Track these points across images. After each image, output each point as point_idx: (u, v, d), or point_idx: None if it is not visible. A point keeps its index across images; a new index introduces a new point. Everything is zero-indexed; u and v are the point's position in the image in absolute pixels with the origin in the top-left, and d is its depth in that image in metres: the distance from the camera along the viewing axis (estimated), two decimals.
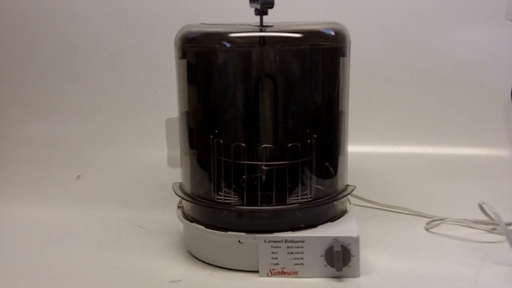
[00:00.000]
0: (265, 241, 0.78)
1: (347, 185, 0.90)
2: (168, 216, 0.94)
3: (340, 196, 0.86)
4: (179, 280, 0.79)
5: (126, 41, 1.42)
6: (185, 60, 0.85)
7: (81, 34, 1.43)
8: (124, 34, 1.42)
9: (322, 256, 0.78)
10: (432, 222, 0.96)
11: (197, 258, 0.85)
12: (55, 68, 1.45)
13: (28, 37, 1.44)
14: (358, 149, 1.18)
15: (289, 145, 0.82)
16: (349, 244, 0.77)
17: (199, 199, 0.85)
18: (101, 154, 1.38)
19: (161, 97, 1.39)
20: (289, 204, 0.82)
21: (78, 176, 1.27)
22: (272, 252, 0.79)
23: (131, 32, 1.41)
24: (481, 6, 1.34)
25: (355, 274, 0.78)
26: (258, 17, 0.82)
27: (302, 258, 0.78)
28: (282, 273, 0.79)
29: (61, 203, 1.12)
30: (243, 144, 0.82)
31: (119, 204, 1.11)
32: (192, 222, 0.84)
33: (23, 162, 1.36)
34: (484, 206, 0.91)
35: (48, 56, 1.44)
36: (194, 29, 0.84)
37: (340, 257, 0.76)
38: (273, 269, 0.79)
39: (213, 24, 0.86)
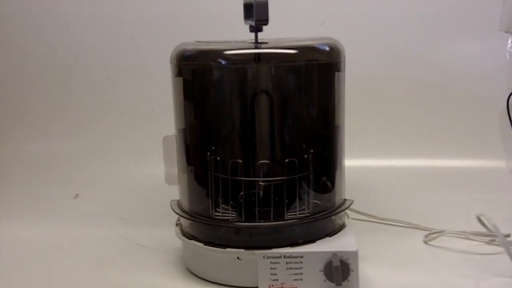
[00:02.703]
0: (264, 257, 0.78)
1: (345, 200, 0.90)
2: (167, 234, 0.93)
3: (338, 210, 0.86)
4: None
5: (122, 59, 1.42)
6: (181, 78, 0.85)
7: (78, 53, 1.43)
8: (120, 52, 1.42)
9: (321, 271, 0.77)
10: (430, 235, 0.96)
11: (196, 275, 0.85)
12: (52, 87, 1.45)
13: (24, 56, 1.44)
14: (355, 163, 1.19)
15: (286, 160, 0.82)
16: (348, 258, 0.77)
17: (197, 216, 0.85)
18: (99, 172, 1.38)
19: (157, 115, 1.39)
20: (287, 219, 0.81)
21: (76, 195, 1.27)
22: (271, 268, 0.78)
23: (127, 50, 1.42)
24: (474, 18, 1.35)
25: None
26: (253, 33, 0.83)
27: (301, 274, 0.78)
28: None
29: (59, 222, 1.12)
30: (240, 161, 0.83)
31: (117, 222, 1.10)
32: (190, 239, 0.84)
33: (20, 181, 1.35)
34: (482, 218, 0.91)
35: (44, 75, 1.44)
36: (189, 47, 0.85)
37: (339, 272, 0.76)
38: (273, 285, 0.79)
39: (209, 42, 0.87)
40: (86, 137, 1.45)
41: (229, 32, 0.94)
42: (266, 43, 0.83)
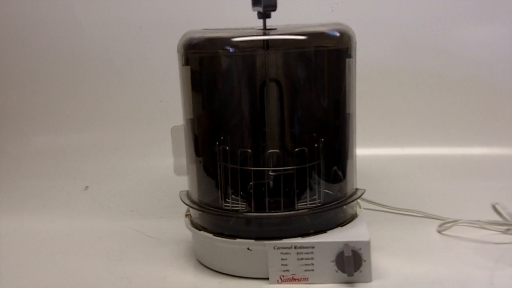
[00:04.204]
0: (274, 248, 0.77)
1: (357, 189, 0.88)
2: (177, 225, 0.93)
3: (349, 200, 0.85)
4: None
5: (130, 50, 1.42)
6: (188, 67, 0.84)
7: (85, 45, 1.43)
8: (128, 43, 1.42)
9: (333, 261, 0.77)
10: (444, 224, 0.95)
11: (206, 267, 0.84)
12: (60, 79, 1.45)
13: (32, 48, 1.45)
14: (366, 152, 1.17)
15: (296, 149, 0.81)
16: (360, 248, 0.76)
17: (207, 207, 0.84)
18: (108, 164, 1.38)
19: (167, 105, 1.39)
20: (298, 209, 0.80)
21: (86, 187, 1.27)
22: (282, 259, 0.77)
23: (135, 41, 1.41)
24: (487, 2, 1.32)
25: (367, 279, 0.77)
26: (261, 20, 0.82)
27: (312, 264, 0.77)
28: (292, 280, 0.78)
29: (70, 214, 1.12)
30: (250, 150, 0.81)
31: (127, 214, 1.10)
32: (200, 230, 0.83)
33: (30, 174, 1.36)
34: (497, 206, 0.89)
35: (52, 68, 1.44)
36: (196, 35, 0.84)
37: (351, 262, 0.75)
38: (283, 276, 0.78)
39: (216, 29, 0.86)
40: (95, 129, 1.45)
41: (237, 19, 0.92)
42: (275, 29, 0.82)
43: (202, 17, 1.35)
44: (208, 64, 0.85)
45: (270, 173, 0.84)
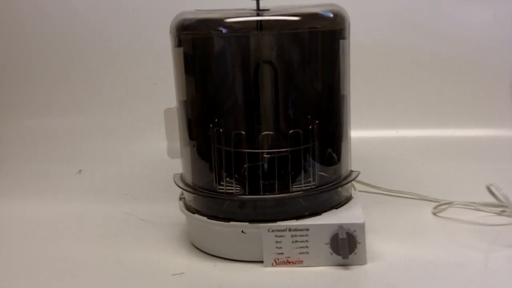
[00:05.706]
0: (268, 230, 0.77)
1: (351, 171, 0.88)
2: (171, 208, 0.92)
3: (344, 182, 0.85)
4: (182, 273, 0.78)
5: (124, 32, 1.40)
6: (181, 48, 0.83)
7: (78, 27, 1.41)
8: (121, 25, 1.40)
9: (327, 244, 0.76)
10: (439, 206, 0.95)
11: (200, 250, 0.84)
12: (52, 62, 1.43)
13: (24, 31, 1.43)
14: (361, 134, 1.17)
15: (290, 131, 0.80)
16: (355, 230, 0.76)
17: (201, 190, 0.83)
18: (102, 147, 1.37)
19: (161, 88, 1.37)
20: (293, 192, 0.80)
21: (80, 170, 1.26)
22: (276, 242, 0.77)
23: (129, 23, 1.40)
24: None
25: (362, 262, 0.77)
26: (255, 2, 0.81)
27: (307, 247, 0.77)
28: (287, 263, 0.78)
29: (63, 198, 1.11)
30: (244, 133, 0.81)
31: (121, 198, 1.10)
32: (194, 213, 0.83)
33: (23, 158, 1.35)
34: (492, 188, 0.89)
35: (45, 50, 1.43)
36: (189, 16, 0.82)
37: (345, 245, 0.75)
38: (278, 259, 0.78)
39: (209, 10, 0.84)
40: (89, 112, 1.44)
41: (230, 1, 0.91)
42: (268, 10, 0.81)
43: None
44: (201, 46, 0.84)
45: (265, 155, 0.83)
